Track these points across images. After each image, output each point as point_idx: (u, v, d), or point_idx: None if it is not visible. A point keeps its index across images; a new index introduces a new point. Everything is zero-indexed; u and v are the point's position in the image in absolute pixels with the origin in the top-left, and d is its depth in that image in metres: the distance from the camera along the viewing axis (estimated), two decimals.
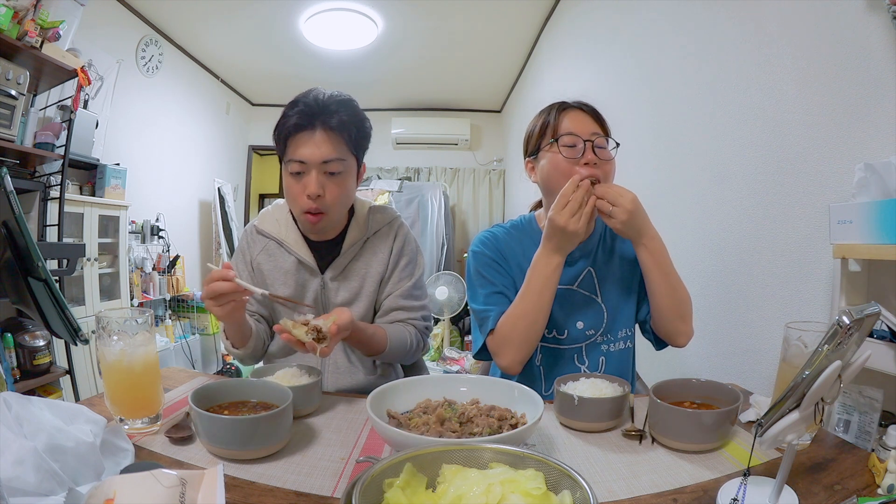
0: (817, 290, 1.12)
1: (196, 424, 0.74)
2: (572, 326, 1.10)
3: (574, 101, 1.09)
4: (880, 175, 0.88)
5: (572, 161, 1.01)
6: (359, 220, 1.19)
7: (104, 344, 0.78)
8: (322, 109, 1.03)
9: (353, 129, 1.06)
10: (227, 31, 3.72)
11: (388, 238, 1.19)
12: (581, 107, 1.07)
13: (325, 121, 1.03)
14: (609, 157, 1.04)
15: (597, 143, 1.03)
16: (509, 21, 3.50)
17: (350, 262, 1.16)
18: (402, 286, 1.18)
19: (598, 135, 1.04)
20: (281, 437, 0.74)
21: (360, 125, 1.08)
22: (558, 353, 1.11)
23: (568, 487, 0.50)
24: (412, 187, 4.79)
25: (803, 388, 0.53)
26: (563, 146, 1.03)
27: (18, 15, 2.09)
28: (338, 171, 1.05)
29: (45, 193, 2.46)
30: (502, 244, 1.13)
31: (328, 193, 1.05)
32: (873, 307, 0.53)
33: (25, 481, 0.52)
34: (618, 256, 1.14)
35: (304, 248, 1.16)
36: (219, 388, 0.82)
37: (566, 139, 1.03)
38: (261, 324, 1.19)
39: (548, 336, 1.10)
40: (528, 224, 1.18)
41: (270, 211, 1.23)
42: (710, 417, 0.75)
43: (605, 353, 1.11)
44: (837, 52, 1.07)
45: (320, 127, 1.03)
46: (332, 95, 1.07)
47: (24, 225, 0.71)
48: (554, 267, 0.99)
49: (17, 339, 2.11)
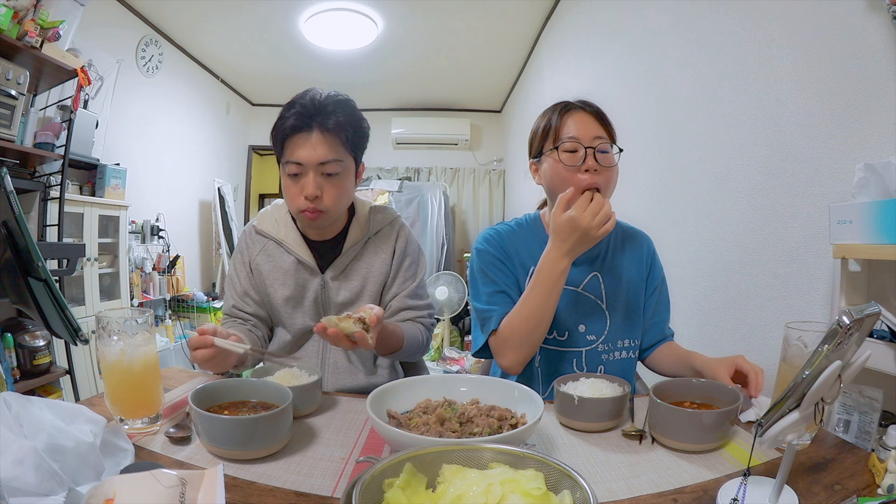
0: (817, 290, 1.12)
1: (196, 424, 0.74)
2: (574, 329, 1.09)
3: (578, 100, 1.06)
4: (880, 175, 0.88)
5: (573, 168, 1.00)
6: (360, 219, 1.19)
7: (104, 344, 0.78)
8: (319, 110, 1.03)
9: (350, 130, 1.06)
10: (227, 31, 3.71)
11: (391, 238, 1.19)
12: (585, 107, 1.05)
13: (321, 122, 1.02)
14: (611, 164, 1.01)
15: (599, 149, 1.00)
16: (509, 21, 3.50)
17: (351, 261, 1.17)
18: (408, 286, 1.19)
19: (602, 139, 1.01)
20: (281, 437, 0.74)
21: (358, 125, 1.08)
22: (558, 356, 1.10)
23: (568, 487, 0.50)
24: (412, 187, 4.79)
25: (803, 388, 0.53)
26: (565, 152, 1.01)
27: (18, 15, 2.09)
28: (335, 172, 1.05)
29: (45, 193, 2.46)
30: (507, 242, 1.12)
31: (326, 194, 1.05)
32: (873, 307, 0.53)
33: (25, 481, 0.52)
34: (625, 278, 1.12)
35: (303, 247, 1.16)
36: (218, 388, 0.82)
37: (567, 145, 1.01)
38: (257, 329, 1.19)
39: (548, 337, 1.09)
40: (533, 223, 1.16)
41: (269, 211, 1.23)
42: (710, 417, 0.75)
43: (605, 363, 1.10)
44: (837, 52, 1.07)
45: (317, 128, 1.03)
46: (330, 96, 1.06)
47: (25, 225, 0.71)
48: (562, 269, 0.96)
49: (17, 339, 2.11)
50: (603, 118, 1.05)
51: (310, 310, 1.17)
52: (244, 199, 5.47)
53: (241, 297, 1.19)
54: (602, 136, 1.02)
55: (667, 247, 1.78)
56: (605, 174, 1.00)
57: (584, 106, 1.05)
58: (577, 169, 0.99)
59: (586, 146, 1.00)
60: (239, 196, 5.29)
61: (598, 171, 0.99)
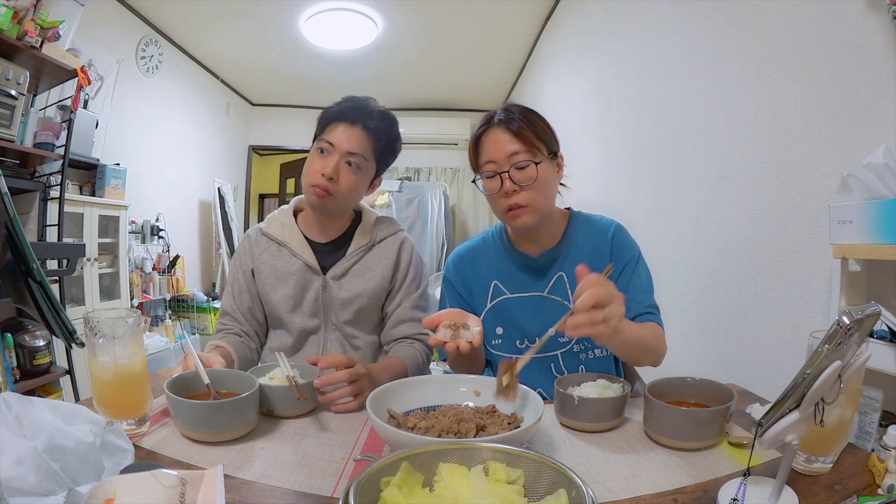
0: (817, 290, 1.12)
1: (169, 408, 0.81)
2: (543, 334, 1.08)
3: (502, 109, 1.04)
4: (860, 180, 0.89)
5: (495, 196, 1.02)
6: (365, 226, 1.23)
7: (91, 344, 0.78)
8: (368, 113, 1.13)
9: (384, 140, 1.16)
10: (227, 31, 3.71)
11: (394, 248, 1.23)
12: (501, 122, 1.02)
13: (365, 121, 1.12)
14: (530, 177, 0.99)
15: (516, 165, 0.99)
16: (509, 21, 3.50)
17: (354, 265, 1.20)
18: (411, 297, 1.22)
19: (517, 154, 0.99)
20: (243, 422, 0.80)
21: (392, 140, 1.19)
22: (533, 362, 1.07)
23: (564, 487, 0.50)
24: (412, 187, 4.79)
25: (803, 388, 0.53)
26: (486, 178, 1.02)
27: (18, 15, 2.09)
28: (357, 165, 1.12)
29: (45, 193, 2.46)
30: (466, 265, 1.16)
31: (341, 180, 1.11)
32: (873, 307, 0.53)
33: (25, 481, 0.52)
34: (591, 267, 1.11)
35: (306, 249, 1.19)
36: (194, 378, 0.87)
37: (486, 170, 1.02)
38: (250, 343, 1.21)
39: (520, 346, 1.09)
40: (498, 235, 1.17)
41: (276, 216, 1.27)
42: (705, 415, 0.76)
43: (584, 362, 1.09)
44: (837, 52, 1.07)
45: (360, 124, 1.12)
46: (382, 109, 1.18)
47: (20, 228, 0.71)
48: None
49: (17, 339, 2.11)
50: (519, 130, 1.01)
51: (309, 309, 1.18)
52: (244, 200, 5.47)
53: (237, 301, 1.22)
54: (518, 150, 0.99)
55: (666, 246, 1.79)
56: (527, 191, 1.00)
57: (501, 120, 1.02)
58: (498, 196, 1.02)
59: (501, 171, 1.00)
60: (239, 196, 5.29)
61: (518, 190, 1.00)
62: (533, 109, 1.07)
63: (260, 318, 1.23)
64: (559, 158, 1.07)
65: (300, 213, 1.27)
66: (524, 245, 1.12)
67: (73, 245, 2.57)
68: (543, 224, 1.07)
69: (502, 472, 0.52)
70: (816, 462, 0.67)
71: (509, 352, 1.11)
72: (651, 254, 1.16)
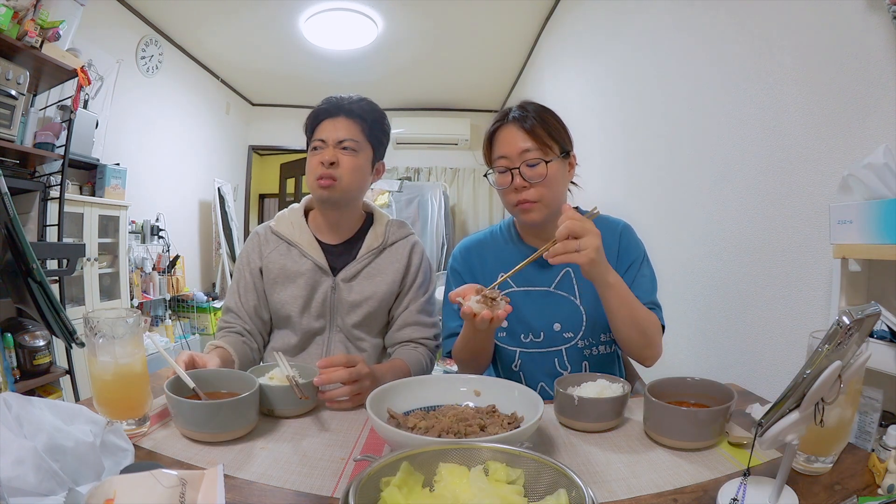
0: (817, 290, 1.12)
1: (170, 408, 0.80)
2: (549, 329, 1.10)
3: (518, 106, 1.07)
4: (860, 180, 0.89)
5: (506, 190, 1.05)
6: (377, 229, 1.24)
7: (91, 344, 0.78)
8: (346, 102, 1.18)
9: (369, 120, 1.18)
10: (227, 31, 3.71)
11: (405, 251, 1.23)
12: (516, 119, 1.04)
13: (347, 110, 1.17)
14: (540, 175, 1.01)
15: (528, 163, 1.01)
16: (509, 21, 3.50)
17: (364, 267, 1.20)
18: (418, 301, 1.23)
19: (529, 151, 1.01)
20: (243, 423, 0.79)
21: (378, 120, 1.20)
22: (537, 357, 1.11)
23: (564, 487, 0.50)
24: (412, 187, 4.79)
25: (803, 388, 0.53)
26: (499, 173, 1.05)
27: (18, 15, 2.09)
28: (351, 148, 1.15)
29: (45, 193, 2.46)
30: (474, 256, 1.17)
31: (342, 164, 1.14)
32: (873, 307, 0.53)
33: (25, 481, 0.52)
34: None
35: (316, 249, 1.19)
36: (195, 377, 0.86)
37: (499, 164, 1.05)
38: (252, 343, 1.20)
39: (524, 340, 1.11)
40: (506, 231, 1.19)
41: (286, 214, 1.27)
42: (705, 415, 0.76)
43: (588, 357, 1.10)
44: (837, 52, 1.07)
45: (342, 114, 1.16)
46: (359, 96, 1.21)
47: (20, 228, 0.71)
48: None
49: (17, 339, 2.11)
50: (532, 127, 1.03)
51: (316, 311, 1.18)
52: (244, 200, 5.47)
53: (242, 299, 1.21)
54: (530, 147, 1.02)
55: (666, 246, 1.79)
56: (537, 188, 1.02)
57: (515, 118, 1.05)
58: (509, 190, 1.04)
59: (513, 167, 1.03)
60: (239, 196, 5.29)
61: (528, 187, 1.02)
62: (548, 108, 1.09)
63: (265, 317, 1.23)
64: (571, 157, 1.09)
65: (310, 213, 1.27)
66: (532, 240, 1.14)
67: (73, 245, 2.57)
68: (551, 220, 1.07)
69: (502, 472, 0.53)
70: (816, 462, 0.67)
71: (513, 345, 1.12)
72: (651, 253, 1.16)
